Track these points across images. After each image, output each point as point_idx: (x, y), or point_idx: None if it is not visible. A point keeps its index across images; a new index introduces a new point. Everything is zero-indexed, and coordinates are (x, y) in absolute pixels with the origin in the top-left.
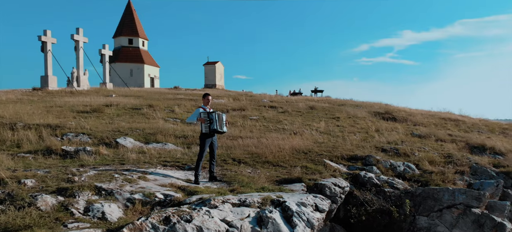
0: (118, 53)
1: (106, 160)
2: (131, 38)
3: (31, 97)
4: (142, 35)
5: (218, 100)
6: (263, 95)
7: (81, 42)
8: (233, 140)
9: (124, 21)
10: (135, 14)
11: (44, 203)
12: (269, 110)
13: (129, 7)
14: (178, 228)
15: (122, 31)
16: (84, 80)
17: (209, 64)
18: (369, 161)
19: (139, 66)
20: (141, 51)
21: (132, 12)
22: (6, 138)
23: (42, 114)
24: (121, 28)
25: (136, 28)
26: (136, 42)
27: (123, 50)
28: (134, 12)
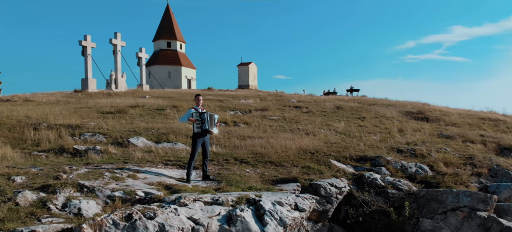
0: (157, 56)
1: (112, 159)
2: (169, 41)
3: (70, 99)
4: (180, 38)
5: (246, 100)
6: (293, 95)
7: (119, 46)
8: (242, 140)
9: (163, 25)
10: (173, 18)
11: (23, 199)
12: (292, 110)
13: (167, 11)
14: (139, 225)
15: (161, 34)
16: (122, 82)
17: (243, 65)
18: (378, 162)
19: (177, 68)
20: (179, 54)
21: (171, 16)
22: (28, 137)
23: (69, 115)
24: (160, 32)
25: (174, 31)
26: (174, 45)
27: (162, 53)
28: (172, 16)
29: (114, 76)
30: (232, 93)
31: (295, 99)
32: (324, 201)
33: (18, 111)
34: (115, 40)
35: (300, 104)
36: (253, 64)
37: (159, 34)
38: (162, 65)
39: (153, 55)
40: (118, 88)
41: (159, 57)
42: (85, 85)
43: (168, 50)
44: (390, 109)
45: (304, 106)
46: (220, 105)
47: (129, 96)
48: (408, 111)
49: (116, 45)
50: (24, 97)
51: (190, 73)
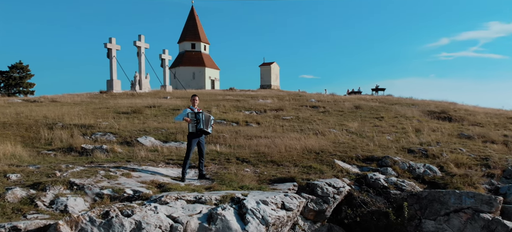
0: (182, 58)
1: (117, 158)
2: (194, 43)
3: (94, 99)
4: (204, 39)
5: (264, 100)
6: (314, 95)
7: (142, 48)
8: (249, 140)
9: (187, 27)
10: (197, 19)
11: (13, 196)
12: (308, 110)
13: (192, 13)
14: (115, 222)
15: (186, 36)
16: (146, 83)
17: (265, 65)
18: (385, 162)
19: (201, 69)
20: (203, 55)
21: (195, 17)
22: (42, 136)
23: (85, 115)
24: (185, 34)
25: (198, 33)
26: (198, 47)
27: (187, 54)
28: (196, 18)
29: (138, 78)
30: (252, 93)
31: (314, 99)
32: (320, 201)
33: (37, 112)
34: (139, 42)
35: (318, 104)
36: (275, 64)
37: (184, 36)
38: (187, 66)
39: (178, 57)
40: (142, 89)
41: (183, 59)
42: (110, 86)
43: (192, 51)
44: (412, 108)
45: (321, 106)
46: (236, 105)
47: (151, 97)
48: (431, 110)
49: (140, 47)
50: (51, 98)
51: (214, 74)
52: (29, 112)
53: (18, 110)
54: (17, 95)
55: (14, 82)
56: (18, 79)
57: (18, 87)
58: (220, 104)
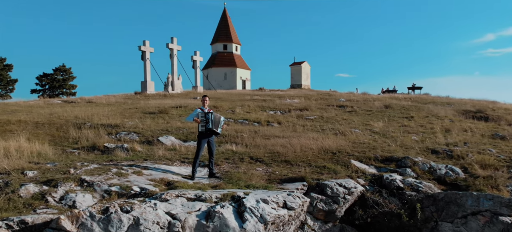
0: (214, 59)
1: (136, 156)
2: (226, 44)
3: (127, 100)
4: (236, 40)
5: (292, 100)
6: (344, 94)
7: (175, 50)
8: (266, 140)
9: (220, 29)
10: (229, 21)
11: (26, 191)
12: (334, 110)
13: (224, 14)
14: (113, 218)
15: (218, 38)
16: (178, 84)
17: (295, 64)
18: (404, 163)
19: (232, 70)
20: (234, 56)
21: (227, 19)
22: (70, 135)
23: (113, 116)
24: (217, 36)
25: (230, 34)
26: (230, 48)
27: (219, 56)
28: (228, 19)
29: (171, 79)
30: (280, 93)
31: (344, 98)
32: (330, 201)
33: (70, 112)
34: (172, 45)
35: (346, 104)
36: (305, 63)
37: (216, 37)
38: (219, 67)
39: (211, 58)
40: (174, 90)
41: (216, 60)
42: (144, 88)
43: (224, 52)
44: (446, 108)
45: (349, 105)
46: (262, 105)
47: (181, 98)
48: (467, 110)
49: (172, 49)
50: (88, 99)
51: (245, 74)
52: (62, 113)
53: (53, 110)
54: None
55: (57, 84)
56: (61, 81)
57: (62, 88)
58: (245, 104)
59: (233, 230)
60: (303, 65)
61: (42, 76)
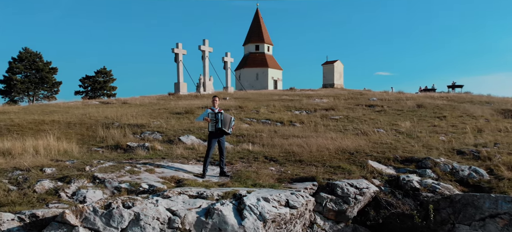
0: (246, 59)
1: (155, 155)
2: (258, 45)
3: (160, 101)
4: (268, 41)
5: (320, 100)
6: (377, 93)
7: (206, 52)
8: (284, 139)
9: (252, 29)
10: (261, 21)
11: (41, 187)
12: (362, 110)
13: (256, 15)
14: (115, 213)
15: (250, 39)
16: (209, 85)
17: (328, 63)
18: (424, 164)
19: (264, 70)
20: (266, 56)
21: (259, 19)
22: (98, 135)
23: (141, 116)
24: (249, 37)
25: (262, 35)
26: (262, 48)
27: (251, 56)
28: (261, 20)
29: (202, 80)
30: (310, 93)
31: (376, 98)
32: (340, 201)
33: (101, 113)
34: (204, 47)
35: (377, 103)
36: (338, 62)
37: (249, 38)
38: (251, 68)
39: (243, 59)
40: (205, 91)
41: (248, 60)
42: (177, 89)
43: (256, 53)
44: (484, 107)
45: (380, 104)
46: (287, 105)
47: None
48: (507, 109)
49: (204, 51)
50: (123, 100)
51: (276, 74)
52: (95, 113)
53: (87, 111)
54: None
55: (99, 85)
56: (102, 83)
57: (103, 90)
58: (270, 104)
59: (231, 227)
60: (336, 64)
61: (84, 79)
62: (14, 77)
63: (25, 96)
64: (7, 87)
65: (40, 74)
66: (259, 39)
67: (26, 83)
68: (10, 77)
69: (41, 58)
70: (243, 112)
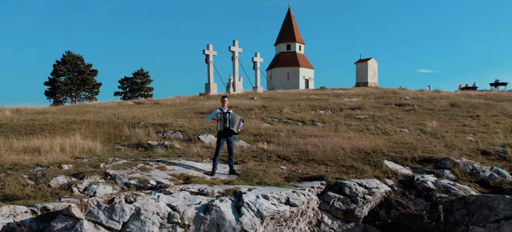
0: (278, 59)
1: (173, 153)
2: (289, 44)
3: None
4: (299, 39)
5: (350, 99)
6: (411, 92)
7: (236, 53)
8: (301, 139)
9: (283, 29)
10: (293, 20)
11: (56, 182)
12: (390, 109)
13: (288, 14)
14: (117, 207)
15: (282, 38)
16: (239, 85)
17: (361, 61)
18: (443, 164)
19: (295, 70)
20: (298, 55)
21: (291, 18)
22: (123, 133)
23: (167, 115)
24: (281, 36)
25: (293, 34)
26: (293, 47)
27: (282, 56)
28: (292, 19)
29: (232, 80)
30: (341, 92)
31: (409, 96)
32: (348, 200)
33: (129, 113)
34: (233, 48)
35: (408, 102)
36: (372, 60)
37: (280, 38)
38: (282, 67)
39: (274, 59)
40: (235, 91)
41: (279, 60)
42: (207, 89)
43: (287, 52)
44: None
45: (411, 103)
46: (313, 104)
47: (239, 98)
48: None
49: (234, 52)
50: (155, 100)
51: (308, 73)
52: (124, 113)
53: (117, 111)
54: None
55: (136, 86)
56: (139, 84)
57: (140, 91)
58: (295, 104)
59: (229, 223)
60: (370, 62)
61: (123, 80)
62: (58, 79)
63: (68, 97)
64: (52, 89)
65: (82, 76)
66: (290, 38)
67: (69, 85)
68: (55, 79)
69: (82, 60)
70: (265, 112)
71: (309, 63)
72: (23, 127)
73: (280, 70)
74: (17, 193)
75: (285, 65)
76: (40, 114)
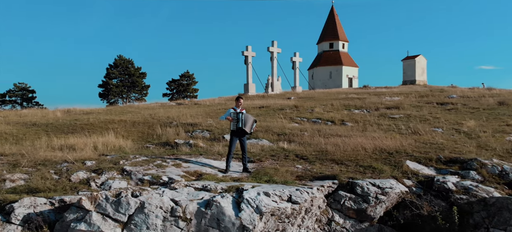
0: (320, 58)
1: (197, 151)
2: (332, 42)
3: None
4: (342, 37)
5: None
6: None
7: (275, 53)
8: (324, 138)
9: (326, 27)
10: (336, 18)
11: (76, 177)
12: (431, 108)
13: (331, 12)
14: (122, 201)
15: (324, 37)
16: (277, 85)
17: (408, 59)
18: (470, 165)
19: (338, 68)
20: (341, 53)
21: (334, 16)
22: (155, 133)
23: (198, 116)
24: (323, 35)
25: (336, 32)
26: (336, 46)
27: (324, 55)
28: (336, 17)
29: (270, 80)
30: (384, 90)
31: (456, 95)
32: (359, 200)
33: (165, 113)
34: (272, 48)
35: (452, 100)
36: (421, 57)
37: (323, 36)
38: (324, 66)
39: (316, 58)
40: (273, 91)
41: (321, 59)
42: (246, 90)
43: (330, 51)
44: None
45: (454, 102)
46: (347, 104)
47: (276, 98)
48: None
49: (272, 52)
50: (195, 101)
51: (352, 72)
52: (160, 114)
53: (155, 111)
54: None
55: (182, 88)
56: (185, 86)
57: (186, 92)
58: (328, 104)
59: (229, 218)
60: (418, 59)
61: (171, 82)
62: (110, 81)
63: (119, 98)
64: (105, 91)
65: (132, 78)
66: (333, 36)
67: (120, 87)
68: (107, 81)
69: (132, 64)
70: (296, 112)
71: (353, 61)
72: (66, 127)
73: (322, 69)
74: (39, 186)
75: (327, 64)
76: (86, 115)
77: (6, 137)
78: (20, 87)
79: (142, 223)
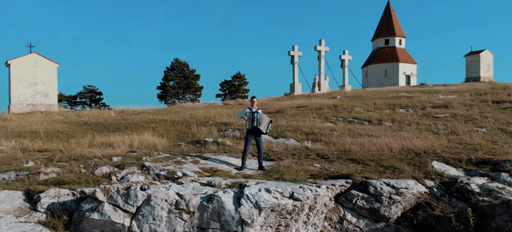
0: (374, 55)
1: (224, 149)
2: (388, 39)
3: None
4: (399, 33)
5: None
6: None
7: (322, 52)
8: (352, 138)
9: (382, 23)
10: (393, 13)
11: (99, 171)
12: (484, 107)
13: (387, 8)
14: (131, 194)
15: (379, 33)
16: (325, 84)
17: (472, 54)
18: (501, 167)
19: (394, 65)
20: (397, 50)
21: (390, 12)
22: (190, 131)
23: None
24: (378, 31)
25: (393, 28)
26: (392, 42)
27: (379, 52)
28: (392, 12)
29: (317, 80)
30: (440, 88)
31: None
32: (372, 199)
33: (202, 113)
34: (319, 47)
35: (510, 99)
36: (486, 52)
37: (377, 33)
38: (379, 64)
39: (371, 55)
40: (320, 90)
41: (376, 56)
42: (292, 89)
43: (385, 47)
44: None
45: None
46: (392, 102)
47: (321, 97)
48: None
49: (320, 51)
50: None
51: (409, 69)
52: (200, 113)
53: (196, 112)
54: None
55: (234, 89)
56: (237, 87)
57: (237, 93)
58: (370, 103)
59: (229, 212)
60: (482, 54)
61: (223, 83)
62: (167, 83)
63: (176, 99)
64: (163, 92)
65: (187, 80)
66: (389, 32)
67: (176, 89)
68: (165, 83)
69: (187, 66)
70: (334, 111)
71: (410, 58)
72: (113, 126)
73: (376, 66)
74: (65, 179)
75: (382, 61)
76: (136, 115)
77: (57, 135)
78: (89, 89)
79: (148, 214)
